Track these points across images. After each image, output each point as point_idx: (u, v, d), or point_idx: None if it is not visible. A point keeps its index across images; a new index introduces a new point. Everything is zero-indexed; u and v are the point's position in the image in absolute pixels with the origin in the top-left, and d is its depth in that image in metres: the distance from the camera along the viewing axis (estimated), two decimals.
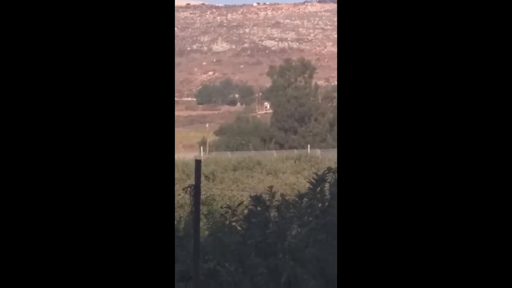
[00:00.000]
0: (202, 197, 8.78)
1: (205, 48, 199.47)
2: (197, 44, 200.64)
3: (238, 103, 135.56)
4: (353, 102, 3.31)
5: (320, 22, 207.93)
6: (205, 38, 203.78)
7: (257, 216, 7.08)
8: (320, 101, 60.50)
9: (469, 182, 3.22)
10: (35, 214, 3.27)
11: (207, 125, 76.78)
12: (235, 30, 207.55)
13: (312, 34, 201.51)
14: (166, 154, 3.40)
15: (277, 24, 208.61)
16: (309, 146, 50.57)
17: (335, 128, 59.34)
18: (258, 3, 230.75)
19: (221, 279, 6.65)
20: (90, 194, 3.31)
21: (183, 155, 38.26)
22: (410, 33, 3.30)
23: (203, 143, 63.20)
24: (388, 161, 3.27)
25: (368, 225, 3.27)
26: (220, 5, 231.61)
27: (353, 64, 3.33)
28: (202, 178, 8.36)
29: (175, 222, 8.91)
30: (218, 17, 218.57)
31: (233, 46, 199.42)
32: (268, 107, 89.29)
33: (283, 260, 6.58)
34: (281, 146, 55.75)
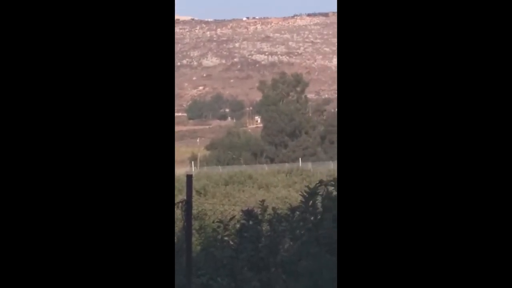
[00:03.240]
0: (194, 212, 8.75)
1: (195, 63, 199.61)
2: (187, 59, 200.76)
3: (229, 118, 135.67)
4: (353, 109, 3.31)
5: (309, 36, 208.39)
6: (195, 53, 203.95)
7: (249, 230, 7.07)
8: (310, 115, 60.63)
9: (470, 186, 3.21)
10: (32, 215, 3.27)
11: (198, 140, 76.76)
12: (224, 44, 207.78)
13: (302, 48, 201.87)
14: (166, 154, 3.40)
15: (266, 38, 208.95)
16: (300, 159, 50.61)
17: (326, 141, 59.43)
18: (248, 18, 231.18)
19: None
20: (90, 197, 3.31)
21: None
22: (409, 41, 3.31)
23: (194, 158, 63.11)
24: (388, 167, 3.27)
25: (368, 230, 3.26)
26: (209, 20, 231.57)
27: (353, 73, 3.33)
28: (194, 193, 8.36)
29: None
30: (208, 32, 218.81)
31: (223, 61, 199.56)
32: (259, 121, 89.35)
33: (275, 274, 6.57)
34: (272, 160, 55.76)
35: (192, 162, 59.90)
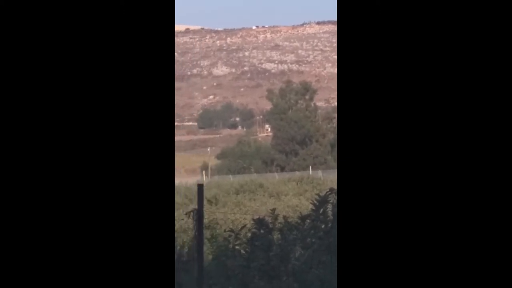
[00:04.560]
0: (205, 221, 8.78)
1: (205, 72, 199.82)
2: (197, 69, 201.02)
3: (239, 127, 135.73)
4: (353, 120, 3.33)
5: (319, 44, 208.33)
6: (205, 63, 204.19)
7: (260, 239, 7.08)
8: (320, 123, 60.46)
9: (470, 190, 3.22)
10: (32, 218, 3.28)
11: (208, 149, 76.86)
12: (234, 53, 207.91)
13: (311, 56, 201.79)
14: (166, 158, 3.41)
15: (276, 47, 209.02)
16: (310, 167, 50.48)
17: (336, 149, 59.21)
18: (257, 26, 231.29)
19: None
20: (90, 201, 3.32)
21: (185, 180, 38.16)
22: (408, 52, 3.32)
23: (205, 167, 63.16)
24: (388, 171, 3.28)
25: (368, 236, 3.27)
26: (219, 29, 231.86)
27: (353, 83, 3.34)
28: (205, 202, 8.39)
29: (178, 247, 8.89)
30: (218, 41, 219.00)
31: (233, 70, 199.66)
32: (269, 129, 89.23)
33: (287, 283, 6.57)
34: (282, 169, 55.66)
35: (203, 171, 59.93)
